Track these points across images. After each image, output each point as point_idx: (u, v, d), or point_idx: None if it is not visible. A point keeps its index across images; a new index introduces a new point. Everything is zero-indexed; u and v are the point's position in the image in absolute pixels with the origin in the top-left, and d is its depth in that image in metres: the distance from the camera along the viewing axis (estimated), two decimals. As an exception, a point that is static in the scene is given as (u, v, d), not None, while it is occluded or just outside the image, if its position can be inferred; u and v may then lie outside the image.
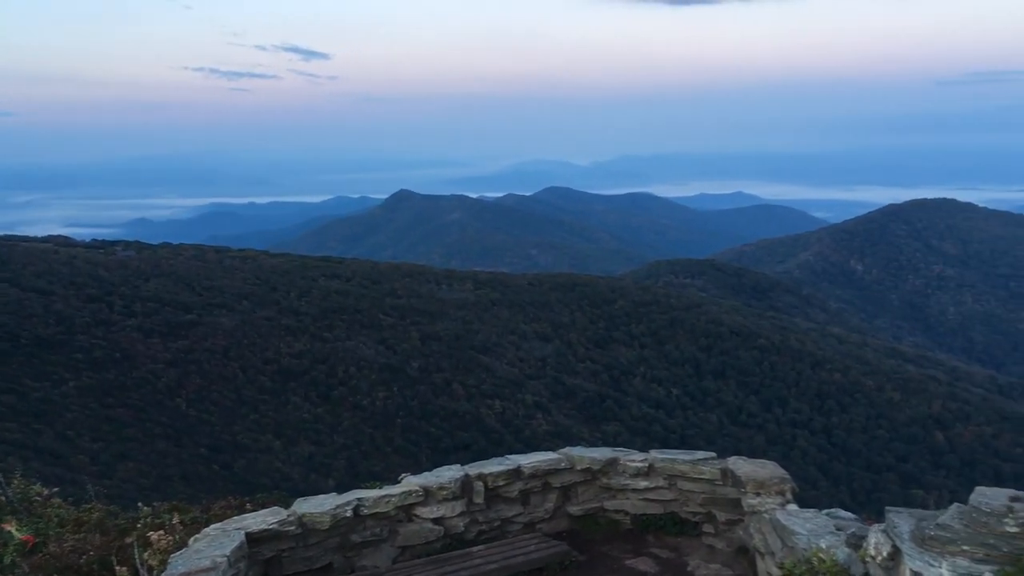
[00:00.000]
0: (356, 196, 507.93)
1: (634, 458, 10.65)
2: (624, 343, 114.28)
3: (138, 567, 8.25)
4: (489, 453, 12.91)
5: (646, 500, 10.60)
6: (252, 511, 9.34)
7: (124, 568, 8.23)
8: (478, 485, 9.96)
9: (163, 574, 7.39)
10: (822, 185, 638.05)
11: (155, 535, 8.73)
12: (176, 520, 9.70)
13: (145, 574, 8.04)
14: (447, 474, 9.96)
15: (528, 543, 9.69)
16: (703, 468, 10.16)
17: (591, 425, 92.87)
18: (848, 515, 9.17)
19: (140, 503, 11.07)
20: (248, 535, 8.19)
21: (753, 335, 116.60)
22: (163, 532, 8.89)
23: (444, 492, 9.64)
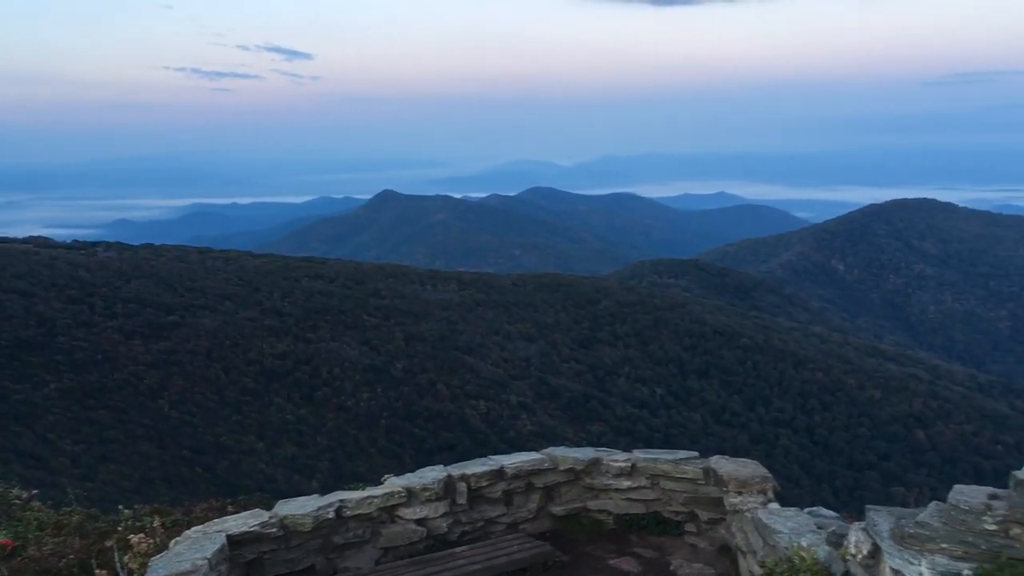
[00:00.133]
0: (340, 196, 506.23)
1: (617, 458, 10.67)
2: (608, 343, 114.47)
3: (118, 571, 8.20)
4: (474, 454, 12.90)
5: (629, 500, 10.62)
6: (234, 513, 9.29)
7: (104, 572, 8.18)
8: (461, 486, 9.95)
9: (143, 577, 7.35)
10: (804, 185, 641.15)
11: (136, 538, 8.68)
12: (157, 523, 9.64)
13: (125, 577, 8.00)
14: (430, 475, 9.95)
15: (511, 543, 9.69)
16: (685, 467, 10.20)
17: (576, 425, 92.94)
18: (830, 513, 9.22)
19: (121, 506, 10.99)
20: (229, 537, 8.14)
21: (736, 335, 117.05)
22: (144, 535, 8.84)
23: (427, 493, 9.63)
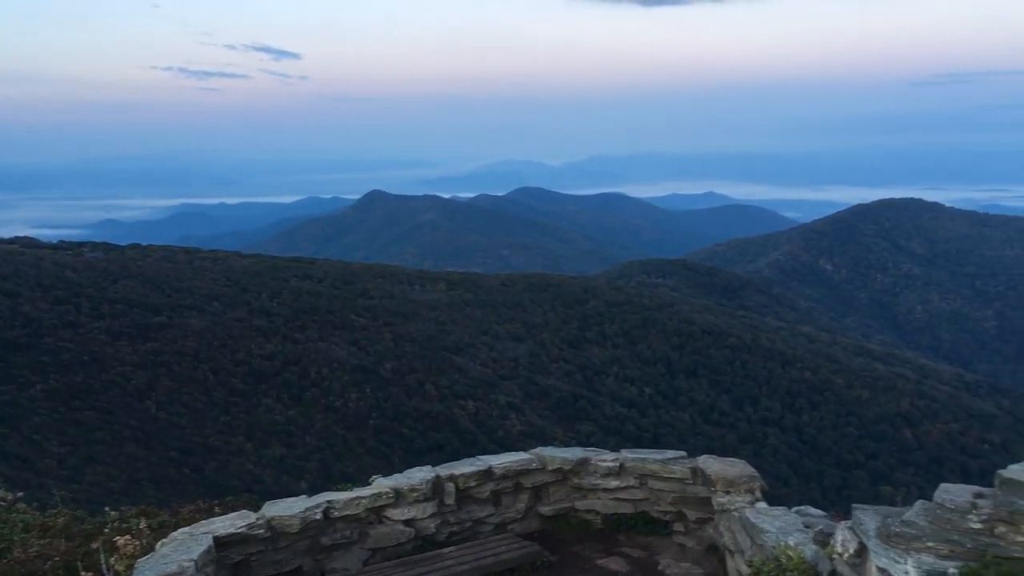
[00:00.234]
0: (328, 196, 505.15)
1: (605, 458, 10.68)
2: (597, 343, 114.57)
3: (104, 573, 8.17)
4: (463, 454, 12.89)
5: (617, 500, 10.63)
6: (221, 515, 9.27)
7: (90, 574, 8.14)
8: (449, 486, 9.94)
9: (129, 579, 7.32)
10: (792, 185, 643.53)
11: (122, 540, 8.64)
12: (144, 525, 9.60)
13: (111, 579, 7.96)
14: (418, 475, 9.94)
15: (499, 544, 9.69)
16: (673, 467, 10.21)
17: (565, 425, 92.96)
18: (817, 512, 9.25)
19: (108, 507, 10.95)
20: (216, 539, 8.12)
21: (724, 334, 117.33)
22: (130, 537, 8.81)
23: (415, 494, 9.62)
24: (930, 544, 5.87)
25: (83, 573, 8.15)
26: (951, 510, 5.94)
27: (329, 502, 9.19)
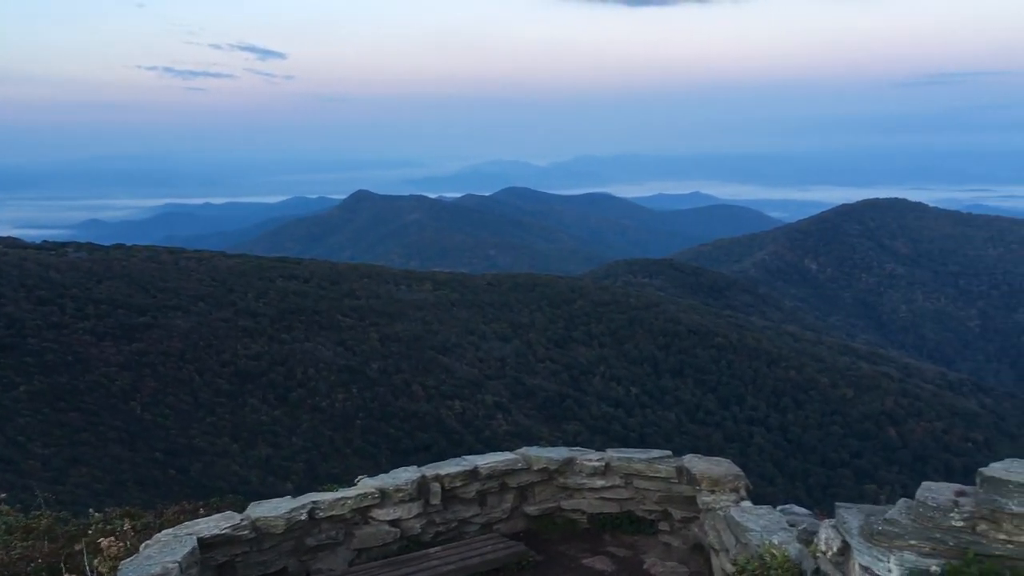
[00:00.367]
0: (314, 196, 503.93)
1: (591, 457, 10.70)
2: (583, 343, 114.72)
3: (87, 574, 8.13)
4: (449, 454, 12.89)
5: (603, 499, 10.65)
6: (206, 516, 9.23)
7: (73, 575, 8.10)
8: (435, 486, 9.94)
9: (113, 581, 7.28)
10: (777, 185, 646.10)
11: (105, 541, 8.60)
12: (128, 526, 9.57)
13: (95, 581, 7.92)
14: (403, 476, 9.93)
15: (485, 544, 9.69)
16: (659, 466, 10.23)
17: (551, 425, 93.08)
18: (802, 511, 9.30)
19: (92, 509, 10.91)
20: (200, 540, 8.08)
21: (710, 334, 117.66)
22: (114, 538, 8.77)
23: (400, 494, 9.61)
24: (912, 542, 5.90)
25: (66, 575, 8.11)
26: (933, 508, 5.97)
27: (314, 503, 9.17)
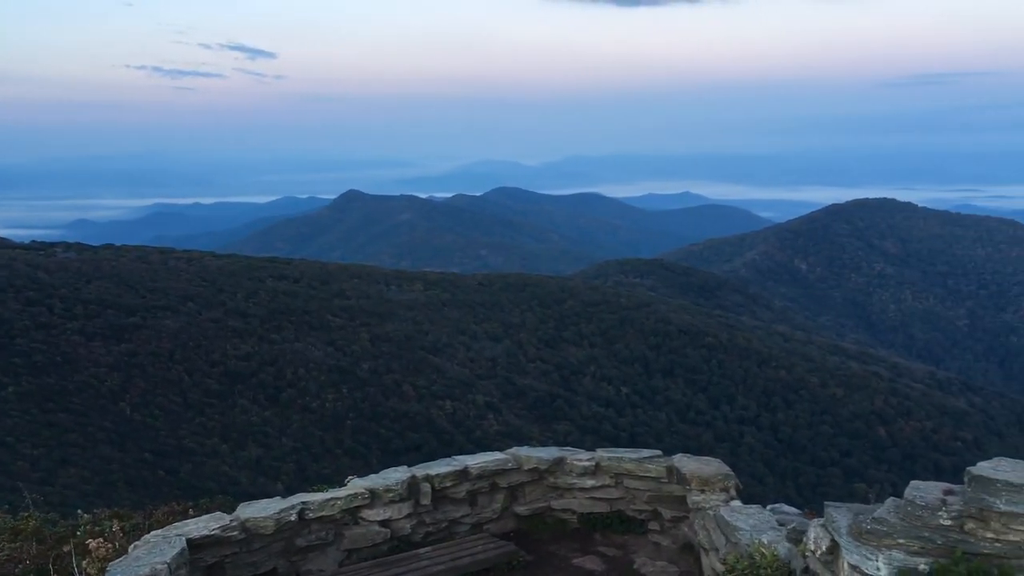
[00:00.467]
0: (304, 196, 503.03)
1: (581, 457, 10.70)
2: (574, 343, 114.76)
3: (76, 576, 8.09)
4: (440, 454, 12.88)
5: (593, 499, 10.66)
6: (195, 517, 9.21)
7: (61, 577, 8.07)
8: (425, 486, 9.93)
9: (101, 583, 7.25)
10: (767, 185, 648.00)
11: (94, 543, 8.56)
12: (116, 527, 9.53)
13: (83, 583, 7.88)
14: (393, 476, 9.91)
15: (475, 544, 9.69)
16: (649, 466, 10.24)
17: (542, 425, 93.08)
18: (792, 510, 9.33)
19: (81, 510, 10.85)
20: (189, 541, 8.06)
21: (701, 334, 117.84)
22: (102, 540, 8.73)
23: (391, 494, 9.60)
24: (901, 541, 5.92)
25: (54, 577, 8.07)
26: (921, 507, 5.99)
27: (304, 503, 9.15)
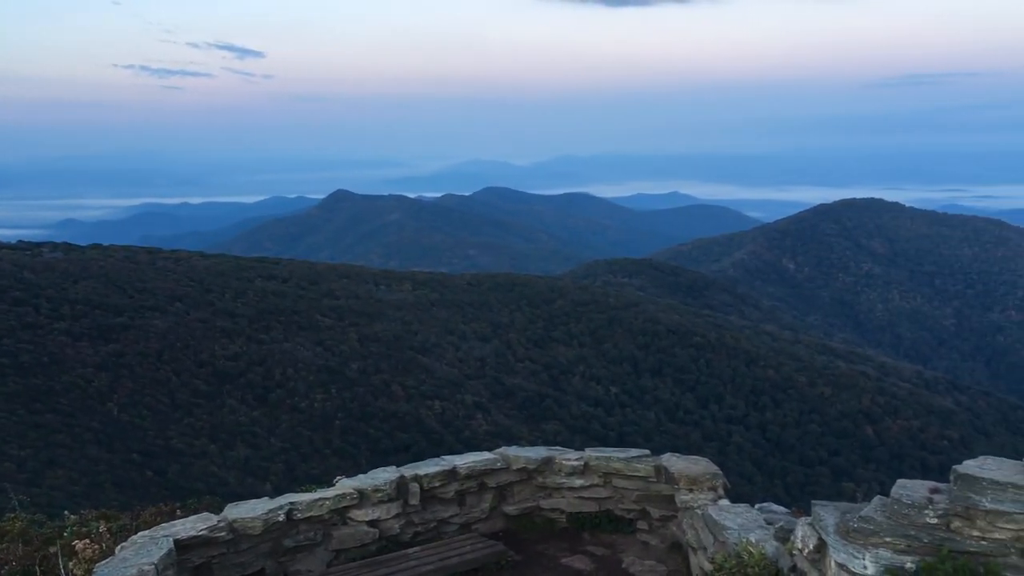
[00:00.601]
0: (292, 196, 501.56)
1: (569, 457, 10.72)
2: (563, 342, 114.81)
3: (62, 577, 8.05)
4: (429, 454, 12.87)
5: (581, 498, 10.67)
6: (183, 517, 9.18)
7: (47, 579, 8.03)
8: (413, 486, 9.92)
9: (88, 584, 7.21)
10: (755, 185, 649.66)
11: (80, 544, 8.53)
12: (103, 528, 9.49)
13: (70, 584, 7.85)
14: (382, 476, 9.90)
15: (464, 543, 9.69)
16: (637, 465, 10.26)
17: (531, 424, 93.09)
18: (779, 509, 9.36)
19: (68, 511, 10.81)
20: (177, 542, 8.03)
21: (689, 333, 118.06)
22: (89, 541, 8.70)
23: (379, 494, 9.59)
24: (887, 539, 5.95)
25: (40, 578, 8.03)
26: (908, 505, 6.03)
27: (292, 503, 9.13)
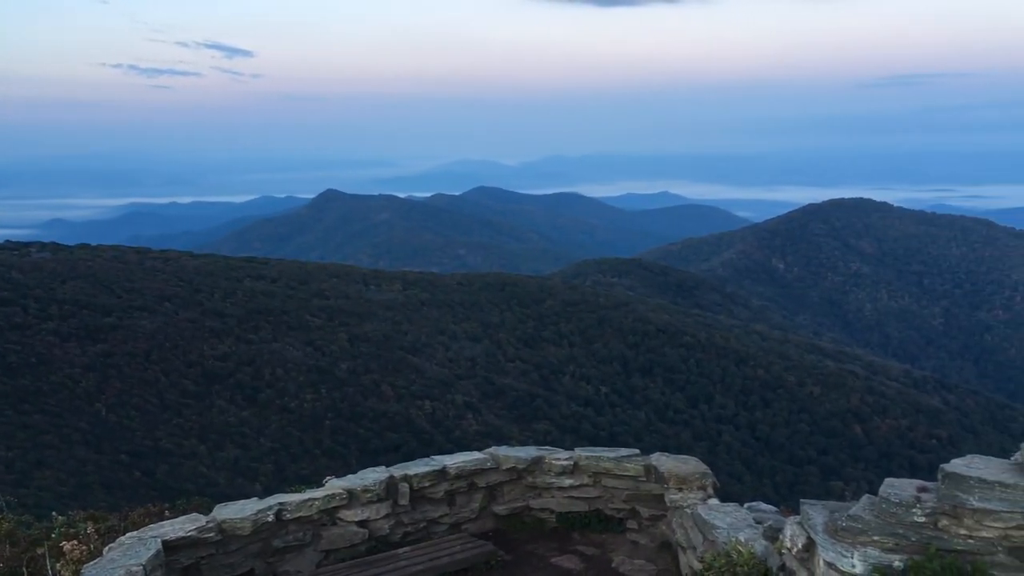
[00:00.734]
0: (282, 196, 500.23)
1: (559, 456, 10.72)
2: (553, 342, 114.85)
3: (50, 579, 8.01)
4: (419, 454, 12.86)
5: (571, 498, 10.67)
6: (172, 518, 9.15)
7: (35, 580, 7.99)
8: (403, 486, 9.91)
9: (76, 585, 7.18)
10: (745, 185, 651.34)
11: (68, 545, 8.49)
12: (91, 529, 9.45)
13: (57, 586, 7.81)
14: (371, 476, 9.89)
15: (454, 544, 9.68)
16: (627, 465, 10.28)
17: (521, 424, 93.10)
18: (769, 508, 9.37)
19: (55, 512, 10.77)
20: (165, 543, 8.00)
21: (679, 333, 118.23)
22: (77, 542, 8.66)
23: (368, 494, 9.57)
24: (876, 538, 5.97)
25: (28, 580, 7.99)
26: (896, 504, 6.05)
27: (281, 504, 9.11)
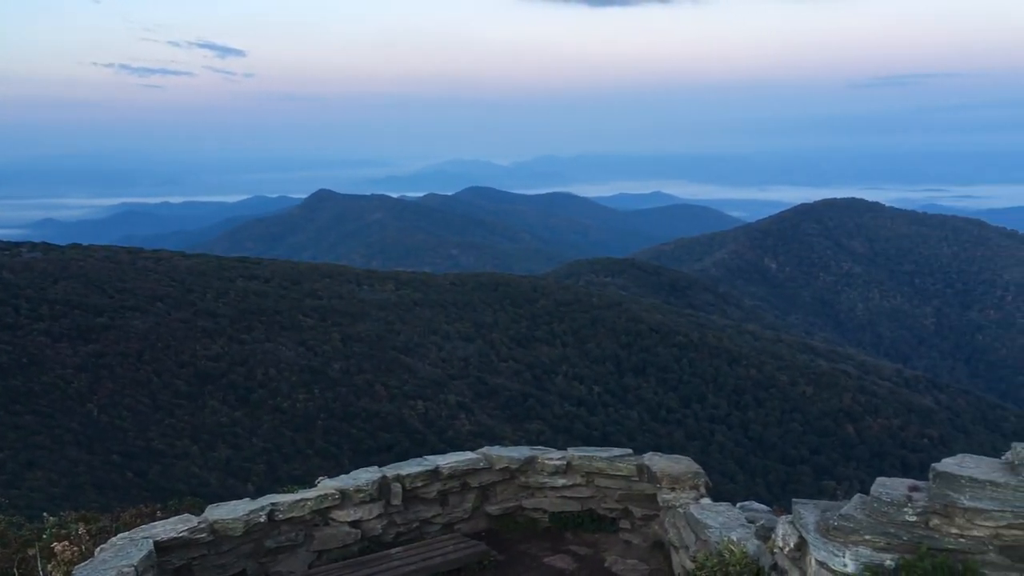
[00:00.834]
0: (275, 196, 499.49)
1: (552, 456, 10.72)
2: (546, 342, 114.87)
3: (41, 580, 7.99)
4: (412, 454, 12.85)
5: (564, 498, 10.68)
6: (164, 519, 9.12)
7: (26, 581, 7.96)
8: (396, 487, 9.90)
9: (67, 586, 7.16)
10: (737, 185, 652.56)
11: (59, 546, 8.47)
12: (83, 530, 9.42)
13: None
14: (364, 476, 9.88)
15: (447, 544, 9.68)
16: (620, 465, 10.28)
17: (514, 424, 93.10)
18: (761, 507, 9.40)
19: (47, 513, 10.74)
20: (157, 544, 7.98)
21: (672, 332, 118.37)
22: (68, 543, 8.63)
23: (361, 495, 9.56)
24: (867, 537, 5.99)
25: (19, 581, 7.97)
26: (887, 503, 6.06)
27: (273, 504, 9.09)
